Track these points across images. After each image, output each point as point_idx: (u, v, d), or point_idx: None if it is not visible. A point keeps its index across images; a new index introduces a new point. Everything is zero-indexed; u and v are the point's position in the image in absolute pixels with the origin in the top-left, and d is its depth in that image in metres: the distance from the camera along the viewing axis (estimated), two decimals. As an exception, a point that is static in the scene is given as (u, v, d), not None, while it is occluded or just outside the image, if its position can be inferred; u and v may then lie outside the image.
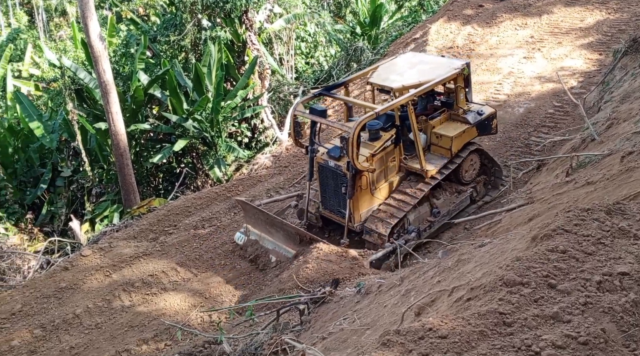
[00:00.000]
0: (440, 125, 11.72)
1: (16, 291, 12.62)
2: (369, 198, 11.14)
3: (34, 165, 18.87)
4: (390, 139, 11.22)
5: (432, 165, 11.39)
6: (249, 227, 11.91)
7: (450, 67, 11.60)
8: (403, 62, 12.31)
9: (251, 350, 7.04)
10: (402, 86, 11.13)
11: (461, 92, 11.68)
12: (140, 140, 19.46)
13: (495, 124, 12.23)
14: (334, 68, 22.49)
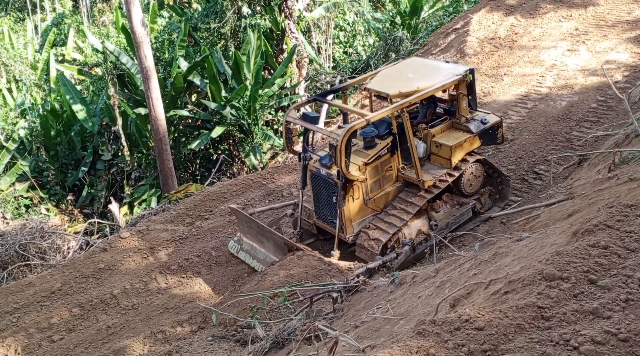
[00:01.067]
0: (441, 133, 11.25)
1: (56, 270, 12.99)
2: (362, 209, 10.74)
3: (75, 148, 19.30)
4: (386, 147, 10.77)
5: (430, 175, 10.92)
6: (242, 236, 11.65)
7: (451, 73, 11.13)
8: (405, 67, 11.91)
9: (284, 335, 7.11)
10: (398, 92, 10.72)
11: (463, 99, 11.18)
12: (178, 126, 19.71)
13: (500, 134, 11.68)
14: (372, 58, 22.35)
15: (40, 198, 18.15)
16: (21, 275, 13.90)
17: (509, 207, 11.73)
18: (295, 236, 11.54)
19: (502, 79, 16.85)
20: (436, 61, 12.86)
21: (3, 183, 17.92)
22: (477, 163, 11.41)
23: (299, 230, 11.64)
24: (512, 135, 14.37)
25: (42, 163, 18.79)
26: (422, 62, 12.42)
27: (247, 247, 11.45)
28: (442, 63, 12.19)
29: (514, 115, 15.23)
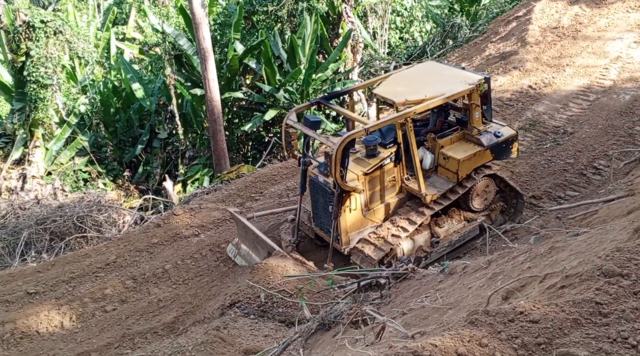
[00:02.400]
0: (451, 145, 10.65)
1: (112, 243, 13.42)
2: (360, 220, 10.22)
3: (133, 126, 19.80)
4: (390, 157, 10.25)
5: (434, 189, 10.36)
6: (240, 241, 11.34)
7: (464, 82, 10.51)
8: (418, 72, 11.40)
9: (330, 317, 7.15)
10: (404, 100, 10.11)
11: (476, 110, 10.55)
12: (232, 108, 19.96)
13: (515, 148, 10.99)
14: (428, 44, 22.01)
15: (98, 173, 18.73)
16: (78, 246, 14.44)
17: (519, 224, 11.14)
18: (292, 244, 11.06)
19: (563, 69, 16.34)
20: (452, 67, 12.01)
21: (63, 157, 18.57)
22: (488, 178, 10.79)
23: (296, 239, 11.14)
24: (572, 127, 13.96)
25: (101, 139, 19.36)
26: (437, 68, 11.72)
27: (244, 253, 11.13)
28: (459, 69, 11.49)
29: (575, 107, 14.78)
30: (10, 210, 15.74)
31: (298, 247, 11.07)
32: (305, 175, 10.63)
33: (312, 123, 10.24)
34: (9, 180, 17.42)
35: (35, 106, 17.31)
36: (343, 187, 9.58)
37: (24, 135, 17.91)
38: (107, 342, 10.16)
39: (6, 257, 13.98)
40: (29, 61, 16.94)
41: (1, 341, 10.37)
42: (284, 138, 10.69)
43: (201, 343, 7.78)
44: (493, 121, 11.15)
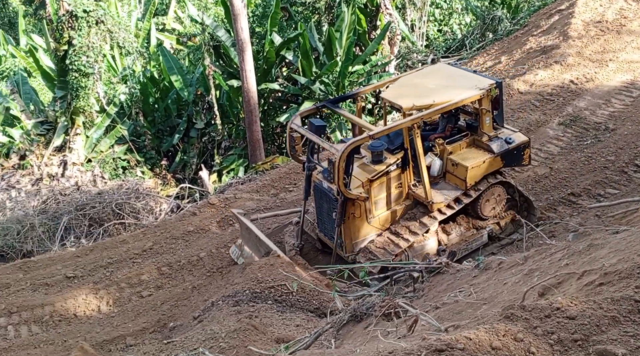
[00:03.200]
0: (460, 151, 10.35)
1: (148, 230, 13.68)
2: (365, 227, 9.98)
3: (171, 115, 20.08)
4: (396, 163, 10.01)
5: (442, 196, 10.09)
6: (243, 243, 11.21)
7: (474, 86, 10.18)
8: (428, 75, 11.08)
9: (362, 309, 7.15)
10: (412, 105, 9.84)
11: (486, 116, 10.21)
12: (268, 99, 20.06)
13: (527, 155, 10.67)
14: (467, 37, 21.72)
15: (136, 161, 19.07)
16: (116, 233, 14.75)
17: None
18: (296, 248, 10.89)
19: (606, 64, 15.93)
20: (464, 70, 11.59)
21: (103, 145, 18.96)
22: (498, 185, 10.49)
23: (299, 242, 10.96)
24: (613, 124, 13.63)
25: (139, 128, 19.69)
26: (448, 71, 11.36)
27: (247, 255, 11.00)
28: (470, 73, 11.11)
29: (617, 103, 14.42)
30: (51, 196, 16.17)
31: (302, 251, 10.87)
32: (309, 181, 10.41)
33: (316, 127, 9.95)
34: (50, 167, 17.86)
35: (77, 94, 17.69)
36: (346, 194, 9.36)
37: (65, 122, 18.33)
38: (143, 327, 10.38)
39: (46, 242, 14.38)
40: (72, 50, 17.29)
41: (40, 323, 10.69)
42: (288, 143, 10.52)
43: (234, 330, 7.87)
44: (505, 127, 10.85)
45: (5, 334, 10.45)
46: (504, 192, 10.62)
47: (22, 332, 10.50)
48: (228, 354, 7.28)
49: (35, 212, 15.29)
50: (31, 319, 10.74)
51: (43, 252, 13.92)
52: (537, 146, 13.73)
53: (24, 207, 15.71)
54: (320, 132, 10.02)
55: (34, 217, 14.91)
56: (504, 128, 10.73)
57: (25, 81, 20.14)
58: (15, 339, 10.31)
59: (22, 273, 12.06)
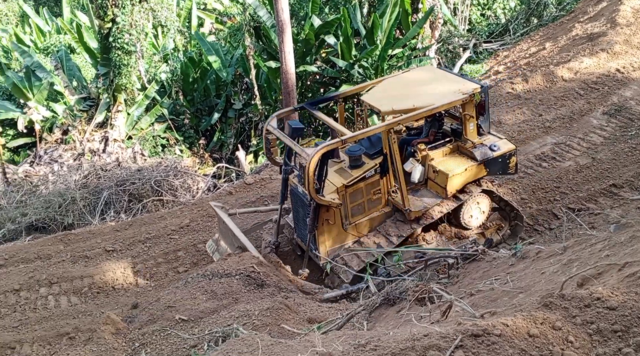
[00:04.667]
0: (443, 157, 10.01)
1: (186, 207, 13.87)
2: (340, 234, 9.70)
3: (210, 95, 20.25)
4: (374, 168, 9.71)
5: (421, 204, 9.78)
6: (220, 237, 10.98)
7: (458, 91, 9.80)
8: (411, 79, 10.72)
9: (395, 293, 7.15)
10: (391, 109, 9.60)
11: (470, 121, 9.83)
12: (306, 81, 20.02)
13: (514, 163, 10.22)
14: (511, 22, 21.25)
15: (175, 139, 19.32)
16: (154, 209, 15.02)
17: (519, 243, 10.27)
18: (271, 246, 10.71)
19: (656, 53, 15.42)
20: (452, 74, 11.11)
21: (144, 123, 19.25)
22: (483, 194, 10.16)
23: (275, 240, 10.75)
24: (660, 115, 13.22)
25: (179, 107, 19.92)
26: (435, 74, 10.98)
27: (223, 250, 10.76)
28: (457, 77, 10.71)
29: (666, 93, 13.96)
30: (92, 171, 16.53)
31: (277, 249, 10.72)
32: (286, 184, 10.16)
33: (293, 130, 9.66)
34: (92, 142, 18.24)
35: (119, 72, 17.95)
36: (317, 200, 9.04)
37: (108, 99, 18.65)
38: (178, 302, 10.56)
39: (87, 215, 14.73)
40: (115, 28, 17.52)
41: (79, 294, 10.98)
42: (264, 144, 10.32)
43: (267, 308, 7.95)
44: (491, 133, 10.47)
45: (45, 303, 10.78)
46: (489, 201, 10.28)
47: (62, 302, 10.81)
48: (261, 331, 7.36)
49: (76, 186, 15.66)
50: (70, 290, 11.05)
51: (83, 225, 14.27)
52: (580, 136, 13.43)
53: (66, 180, 16.10)
54: (296, 134, 9.68)
55: (76, 190, 15.27)
56: (489, 135, 10.35)
57: (68, 57, 20.53)
58: (55, 309, 10.63)
59: (63, 245, 12.40)
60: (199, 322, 8.28)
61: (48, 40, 24.35)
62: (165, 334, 8.13)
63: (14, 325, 10.14)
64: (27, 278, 11.19)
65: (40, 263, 11.77)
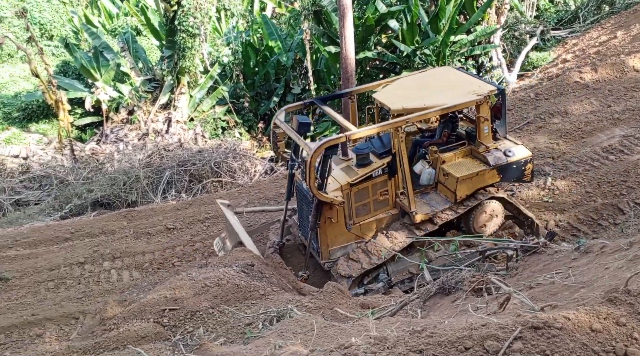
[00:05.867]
0: (454, 160, 9.61)
1: (243, 189, 14.12)
2: (343, 234, 9.46)
3: (269, 80, 20.41)
4: (382, 168, 9.38)
5: (428, 208, 9.40)
6: (226, 236, 10.84)
7: (472, 92, 9.34)
8: (425, 78, 10.38)
9: (451, 283, 7.07)
10: (401, 108, 9.25)
11: (484, 124, 9.41)
12: (365, 67, 19.90)
13: (530, 170, 9.72)
14: (581, 9, 20.45)
15: (235, 122, 19.62)
16: (213, 190, 15.36)
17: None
18: (275, 246, 10.54)
19: None
20: (469, 75, 10.75)
21: (205, 105, 19.63)
22: (494, 201, 9.71)
23: (280, 241, 10.64)
24: None
25: (239, 91, 20.19)
26: (450, 75, 10.58)
27: (228, 250, 10.66)
28: (474, 78, 10.34)
29: None
30: (155, 151, 17.02)
31: (282, 249, 10.60)
32: (292, 180, 9.99)
33: (300, 124, 9.51)
34: (156, 123, 18.75)
35: (183, 54, 18.32)
36: (318, 196, 8.84)
37: (172, 81, 19.09)
38: (235, 281, 10.78)
39: (150, 193, 15.20)
40: (180, 11, 17.87)
41: (140, 269, 11.38)
42: (272, 138, 10.16)
43: (320, 292, 8.03)
44: (508, 138, 10.05)
45: (108, 277, 11.23)
46: (501, 208, 9.88)
47: (124, 276, 11.23)
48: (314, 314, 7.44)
49: (140, 165, 16.17)
50: (132, 265, 11.46)
51: (146, 203, 14.74)
52: (651, 128, 12.87)
53: (131, 159, 16.65)
54: (303, 129, 9.54)
55: (139, 169, 15.77)
56: (506, 140, 9.96)
57: (135, 39, 21.08)
58: (117, 282, 11.06)
59: (127, 221, 12.86)
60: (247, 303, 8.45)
61: (115, 22, 25.07)
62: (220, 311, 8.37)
63: (78, 296, 10.62)
64: (91, 251, 11.68)
65: (105, 238, 12.25)
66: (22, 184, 16.44)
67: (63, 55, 22.84)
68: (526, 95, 15.82)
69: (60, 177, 16.26)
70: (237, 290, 8.09)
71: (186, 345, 6.57)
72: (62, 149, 18.01)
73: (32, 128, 19.91)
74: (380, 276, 9.45)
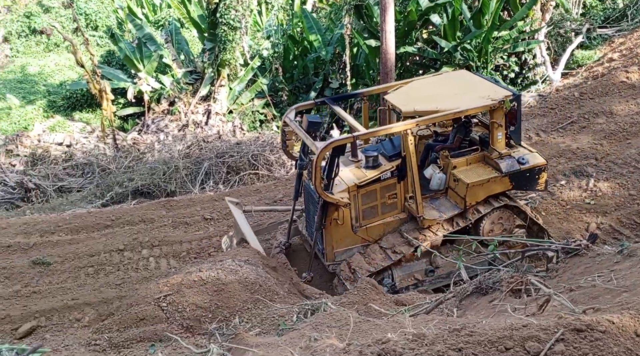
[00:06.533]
0: (466, 166, 9.41)
1: (279, 182, 14.20)
2: (349, 236, 9.36)
3: (308, 74, 20.42)
4: (391, 170, 9.22)
5: (436, 212, 9.22)
6: (234, 235, 10.81)
7: (486, 96, 9.13)
8: (441, 81, 10.20)
9: (488, 282, 6.99)
10: (413, 110, 9.10)
11: (498, 130, 9.21)
12: (405, 62, 19.73)
13: (544, 179, 9.46)
14: (630, 7, 19.84)
15: (273, 115, 19.71)
16: (250, 182, 15.48)
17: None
18: (281, 246, 10.48)
19: None
20: (486, 79, 10.54)
21: (244, 98, 19.77)
22: (505, 209, 9.47)
23: (286, 241, 10.56)
24: None
25: (278, 84, 20.26)
26: (467, 79, 10.37)
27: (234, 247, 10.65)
28: (491, 83, 10.08)
29: None
30: (195, 142, 17.24)
31: (288, 250, 10.53)
32: (300, 180, 9.94)
33: (310, 123, 9.49)
34: (195, 114, 18.97)
35: (224, 47, 18.47)
36: (323, 196, 8.81)
37: (212, 73, 19.27)
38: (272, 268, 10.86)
39: (188, 184, 15.41)
40: (222, 4, 18.01)
41: (178, 258, 11.56)
42: (281, 136, 10.11)
43: (354, 287, 8.03)
44: (522, 146, 9.80)
45: (147, 264, 11.45)
46: (513, 217, 9.65)
47: (162, 264, 11.44)
48: (348, 308, 7.45)
49: (180, 155, 16.41)
50: (170, 253, 11.66)
51: (184, 193, 14.96)
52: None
53: (170, 150, 16.90)
54: (313, 128, 9.55)
55: (179, 160, 16.01)
56: (520, 148, 9.73)
57: (178, 31, 21.33)
58: (155, 270, 11.26)
59: (165, 210, 13.07)
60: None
61: (159, 13, 25.42)
62: (254, 301, 8.45)
63: (117, 283, 10.86)
64: (131, 239, 11.92)
65: (144, 226, 12.48)
66: (65, 171, 16.86)
67: (107, 46, 23.29)
68: (570, 94, 15.49)
69: (102, 165, 16.63)
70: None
71: (222, 334, 6.66)
72: (105, 138, 18.39)
73: (76, 117, 20.37)
74: (385, 280, 9.36)
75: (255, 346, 5.57)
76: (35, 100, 20.75)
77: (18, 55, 23.68)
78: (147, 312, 7.70)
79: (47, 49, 24.25)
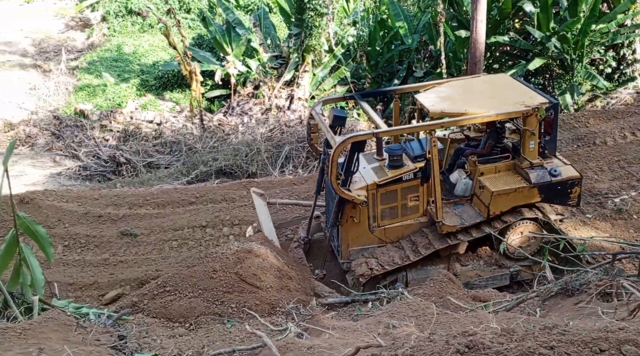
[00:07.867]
0: (494, 173, 8.96)
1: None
2: (365, 236, 9.09)
3: (392, 61, 20.21)
4: (414, 172, 8.85)
5: (458, 219, 8.81)
6: (258, 225, 10.64)
7: (520, 102, 8.66)
8: (477, 84, 9.75)
9: (575, 284, 6.75)
10: (440, 111, 8.76)
11: (530, 139, 8.69)
12: (495, 52, 19.16)
13: (577, 194, 8.81)
14: None
15: (354, 103, 19.64)
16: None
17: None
18: (300, 241, 10.27)
19: None
20: (525, 85, 9.85)
21: (327, 84, 19.84)
22: (532, 222, 8.90)
23: (306, 237, 10.32)
24: None
25: (361, 71, 20.18)
26: (505, 83, 9.83)
27: None
28: (529, 89, 9.44)
29: None
30: (277, 126, 17.52)
31: (307, 245, 10.35)
32: (323, 174, 9.68)
33: (335, 118, 9.37)
34: (279, 99, 19.23)
35: (310, 33, 18.56)
36: (338, 192, 8.63)
37: (297, 59, 19.44)
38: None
39: (269, 166, 15.70)
40: (310, -11, 18.11)
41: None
42: (307, 129, 10.01)
43: (431, 280, 7.96)
44: (557, 157, 9.26)
45: (227, 242, 11.75)
46: (538, 230, 9.07)
47: (241, 243, 11.73)
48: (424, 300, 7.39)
49: (262, 138, 16.74)
50: (249, 233, 11.92)
51: (265, 175, 15.27)
52: None
53: (253, 132, 17.27)
54: (337, 123, 9.41)
55: (261, 142, 16.33)
56: (554, 159, 9.22)
57: (266, 16, 21.62)
58: (235, 247, 11.56)
59: (246, 191, 13.35)
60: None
61: (248, -2, 25.85)
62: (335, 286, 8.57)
63: (198, 257, 11.23)
64: (213, 217, 12.29)
65: (225, 205, 12.83)
66: (155, 148, 17.58)
67: (199, 28, 23.93)
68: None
69: (189, 144, 17.21)
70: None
71: (299, 313, 6.78)
72: (193, 118, 18.99)
73: (166, 96, 21.11)
74: (397, 284, 9.15)
75: (332, 329, 5.63)
76: (129, 78, 21.65)
77: (115, 35, 24.72)
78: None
79: (142, 30, 25.17)
